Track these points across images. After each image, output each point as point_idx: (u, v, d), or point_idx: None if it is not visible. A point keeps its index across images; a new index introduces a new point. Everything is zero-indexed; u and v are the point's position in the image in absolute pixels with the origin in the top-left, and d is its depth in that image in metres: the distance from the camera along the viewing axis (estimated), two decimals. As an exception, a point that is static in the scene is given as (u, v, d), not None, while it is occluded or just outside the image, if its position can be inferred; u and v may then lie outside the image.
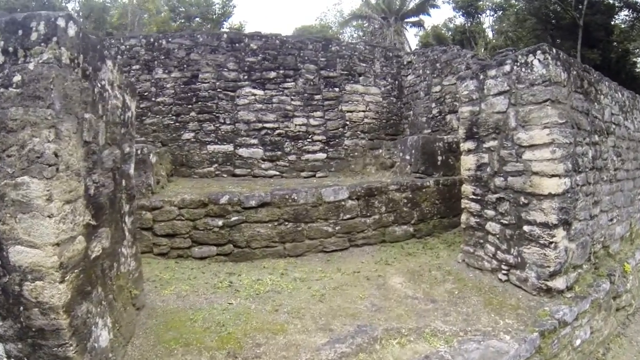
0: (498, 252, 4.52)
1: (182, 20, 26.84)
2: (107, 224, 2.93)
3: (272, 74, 8.48)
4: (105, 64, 2.91)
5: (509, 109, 4.31)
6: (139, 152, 5.80)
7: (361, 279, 4.74)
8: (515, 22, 22.16)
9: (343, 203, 5.90)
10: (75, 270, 2.40)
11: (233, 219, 5.52)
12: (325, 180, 8.35)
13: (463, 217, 5.09)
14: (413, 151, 7.22)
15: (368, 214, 6.03)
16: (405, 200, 6.29)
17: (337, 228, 5.84)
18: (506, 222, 4.40)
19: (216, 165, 8.38)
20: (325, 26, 33.54)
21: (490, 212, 4.63)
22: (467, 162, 4.95)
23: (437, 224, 6.57)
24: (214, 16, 28.68)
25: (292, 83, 8.56)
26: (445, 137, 7.34)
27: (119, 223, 3.26)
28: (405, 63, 9.62)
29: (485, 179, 4.68)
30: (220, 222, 5.50)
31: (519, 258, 4.24)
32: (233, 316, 3.70)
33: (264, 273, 4.95)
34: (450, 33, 27.40)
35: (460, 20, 27.29)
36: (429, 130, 8.69)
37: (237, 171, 8.42)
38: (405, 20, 26.93)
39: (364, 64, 9.13)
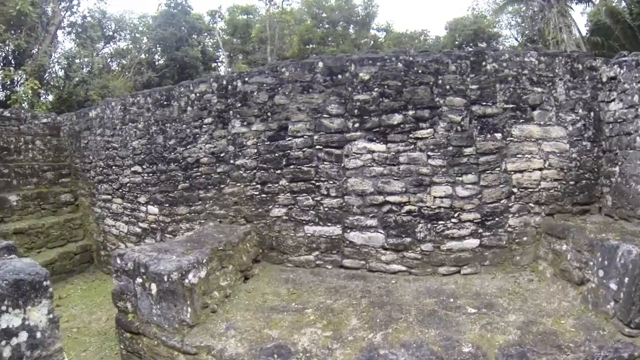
0: None
1: (327, 26, 25.85)
2: None
3: (397, 118, 5.54)
4: None
5: None
6: (165, 278, 3.84)
7: None
8: None
9: None
10: None
11: None
12: (474, 279, 5.42)
13: None
14: (626, 280, 3.82)
15: None
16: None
17: None
18: None
19: (317, 253, 5.87)
20: (479, 16, 30.02)
21: None
22: None
23: None
24: (358, 18, 27.51)
25: (429, 130, 5.52)
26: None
27: None
28: (604, 80, 5.86)
29: None
30: None
31: None
32: None
33: None
34: (624, 5, 21.10)
35: (636, -13, 20.97)
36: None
37: (346, 262, 5.83)
38: (569, -4, 21.27)
39: (539, 89, 5.64)
